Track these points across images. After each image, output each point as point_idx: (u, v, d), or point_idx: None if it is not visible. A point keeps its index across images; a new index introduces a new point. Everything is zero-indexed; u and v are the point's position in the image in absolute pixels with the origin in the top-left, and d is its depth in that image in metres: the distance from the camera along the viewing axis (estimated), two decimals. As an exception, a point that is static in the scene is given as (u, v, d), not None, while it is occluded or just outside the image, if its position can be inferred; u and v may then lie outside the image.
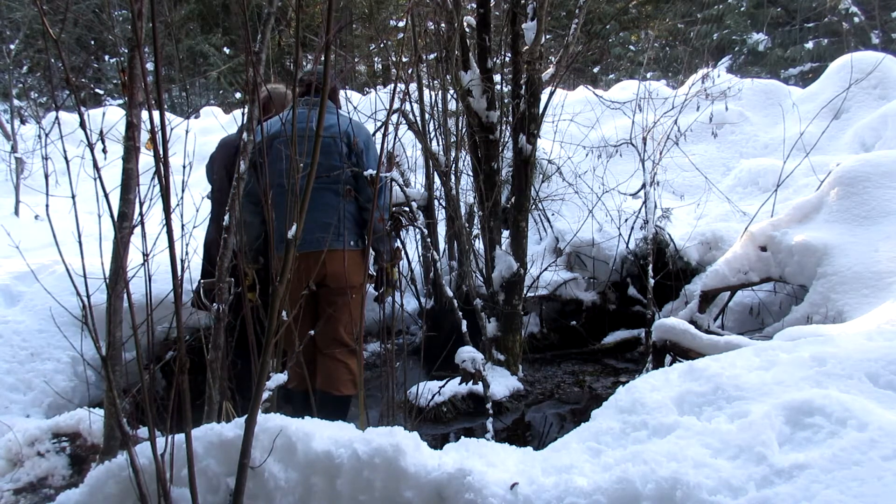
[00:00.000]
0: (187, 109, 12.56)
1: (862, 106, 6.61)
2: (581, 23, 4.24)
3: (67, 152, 1.82)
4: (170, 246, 1.67)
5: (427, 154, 4.35)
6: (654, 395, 2.07)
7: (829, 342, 2.29)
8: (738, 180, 6.06)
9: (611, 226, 5.34)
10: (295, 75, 2.32)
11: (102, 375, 2.11)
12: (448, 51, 4.04)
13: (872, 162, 4.08)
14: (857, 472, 1.53)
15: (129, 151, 2.04)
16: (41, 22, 1.72)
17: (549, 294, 5.10)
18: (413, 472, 1.75)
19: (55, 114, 1.75)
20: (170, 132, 1.66)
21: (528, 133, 3.96)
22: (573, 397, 4.26)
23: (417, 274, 5.23)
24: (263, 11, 2.32)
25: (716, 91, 6.06)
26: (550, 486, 1.70)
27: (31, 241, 4.41)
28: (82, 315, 1.70)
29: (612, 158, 5.98)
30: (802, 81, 12.65)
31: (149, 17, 1.58)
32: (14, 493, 2.85)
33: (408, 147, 5.34)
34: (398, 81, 3.09)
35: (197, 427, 1.87)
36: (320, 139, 1.76)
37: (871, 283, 3.46)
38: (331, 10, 1.74)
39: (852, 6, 14.44)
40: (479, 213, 4.39)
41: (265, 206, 2.20)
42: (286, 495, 1.79)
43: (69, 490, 1.91)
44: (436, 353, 3.86)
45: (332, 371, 3.23)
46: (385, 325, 3.30)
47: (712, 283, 4.24)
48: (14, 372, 3.51)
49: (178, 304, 1.66)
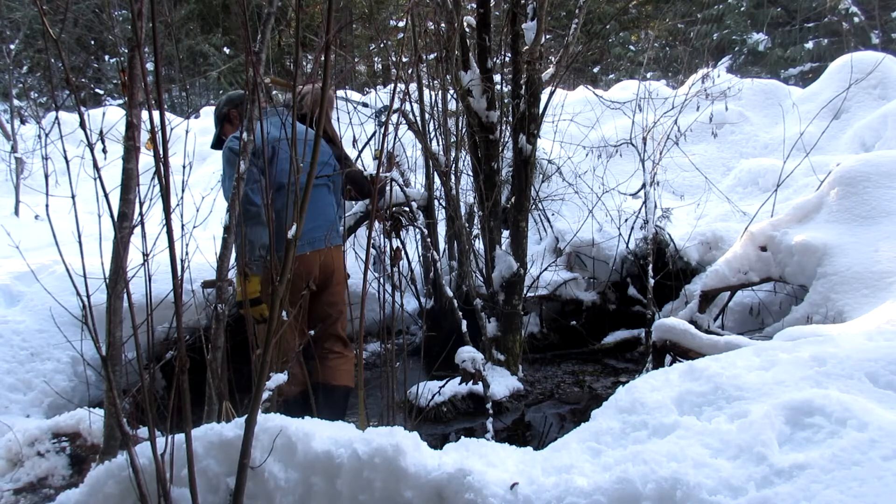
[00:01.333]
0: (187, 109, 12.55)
1: (862, 106, 6.61)
2: (581, 23, 4.24)
3: (67, 152, 1.82)
4: (170, 246, 1.67)
5: (427, 154, 4.35)
6: (654, 395, 2.07)
7: (829, 342, 2.29)
8: (738, 180, 6.06)
9: (611, 226, 5.34)
10: (295, 75, 2.32)
11: (102, 375, 2.11)
12: (448, 51, 4.04)
13: (872, 162, 4.07)
14: (857, 472, 1.53)
15: (129, 151, 2.04)
16: (41, 22, 1.72)
17: (549, 294, 5.10)
18: (413, 472, 1.75)
19: (55, 114, 1.75)
20: (170, 132, 1.66)
21: (528, 133, 3.96)
22: (573, 397, 4.25)
23: (417, 274, 5.23)
24: (263, 11, 2.32)
25: (716, 91, 6.07)
26: (550, 486, 1.70)
27: (31, 241, 4.41)
28: (82, 315, 1.70)
29: (612, 158, 5.98)
30: (802, 81, 12.65)
31: (149, 17, 1.58)
32: (14, 493, 2.85)
33: (408, 147, 5.34)
34: (398, 81, 3.09)
35: (197, 427, 1.87)
36: (320, 139, 1.77)
37: (871, 283, 3.46)
38: (331, 10, 1.74)
39: (852, 6, 14.44)
40: (479, 213, 4.39)
41: (268, 208, 2.20)
42: (286, 495, 1.79)
43: (69, 490, 1.91)
44: (436, 353, 3.86)
45: (333, 364, 3.29)
46: (385, 325, 3.30)
47: (712, 283, 4.24)
48: (14, 372, 3.51)
49: (178, 304, 1.66)
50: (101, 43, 16.14)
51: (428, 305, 4.84)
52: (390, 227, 4.08)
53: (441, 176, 4.25)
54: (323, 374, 3.27)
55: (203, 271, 3.61)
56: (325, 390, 3.20)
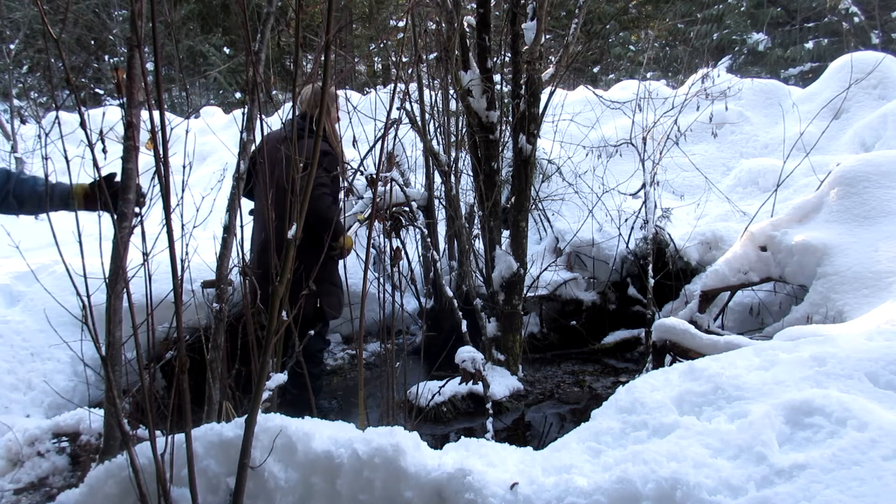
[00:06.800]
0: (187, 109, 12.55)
1: (862, 106, 6.61)
2: (581, 23, 4.24)
3: (67, 152, 1.82)
4: (170, 246, 1.67)
5: (428, 154, 4.35)
6: (654, 395, 2.07)
7: (829, 342, 2.29)
8: (738, 180, 6.06)
9: (611, 226, 5.34)
10: (295, 75, 2.32)
11: (102, 375, 2.11)
12: (448, 51, 4.04)
13: (872, 162, 4.07)
14: (857, 472, 1.53)
15: (128, 151, 2.04)
16: (41, 22, 1.72)
17: (549, 294, 5.10)
18: (413, 472, 1.75)
19: (55, 114, 1.75)
20: (170, 132, 1.66)
21: (528, 133, 3.96)
22: (573, 397, 4.25)
23: (417, 274, 5.23)
24: (263, 11, 2.32)
25: (716, 91, 6.07)
26: (550, 485, 1.70)
27: (31, 241, 4.40)
28: (82, 315, 1.70)
29: (612, 158, 5.98)
30: (802, 81, 12.65)
31: (149, 17, 1.58)
32: (14, 492, 2.85)
33: (408, 147, 5.34)
34: (398, 81, 3.09)
35: (197, 427, 1.87)
36: (320, 139, 1.77)
37: (871, 283, 3.46)
38: (331, 10, 1.74)
39: (852, 6, 14.44)
40: (479, 213, 4.39)
41: (267, 208, 2.19)
42: (286, 495, 1.79)
43: (69, 490, 1.91)
44: (436, 353, 3.86)
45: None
46: (385, 324, 3.30)
47: (712, 283, 4.24)
48: (14, 372, 3.51)
49: (179, 304, 1.66)
50: (101, 43, 16.14)
51: (428, 305, 4.84)
52: (390, 227, 4.08)
53: (442, 175, 4.25)
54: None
55: (203, 271, 3.61)
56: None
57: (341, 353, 5.11)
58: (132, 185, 1.99)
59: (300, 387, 2.96)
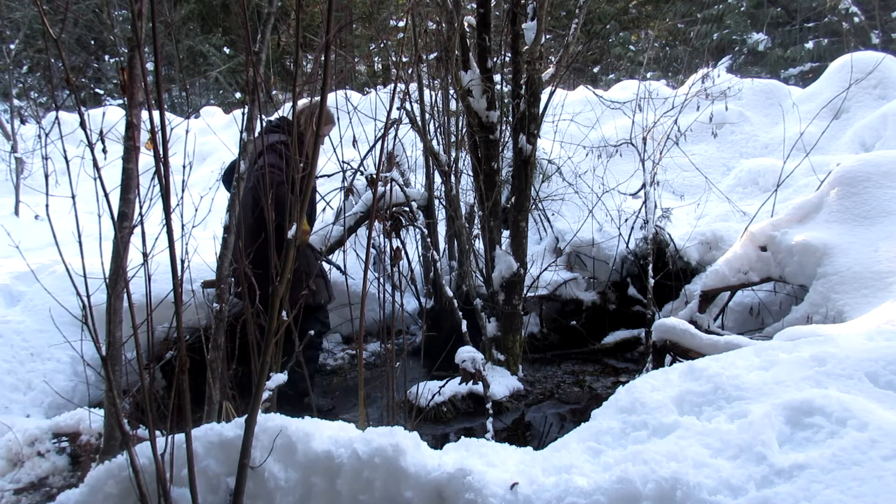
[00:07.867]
0: (187, 109, 12.55)
1: (862, 106, 6.61)
2: (581, 23, 4.24)
3: (67, 152, 1.82)
4: (170, 246, 1.67)
5: (429, 154, 4.35)
6: (654, 395, 2.07)
7: (829, 342, 2.29)
8: (738, 180, 6.06)
9: (611, 226, 5.34)
10: (295, 75, 2.32)
11: (102, 375, 2.11)
12: (448, 51, 4.04)
13: (872, 162, 4.07)
14: (857, 472, 1.53)
15: (128, 151, 2.04)
16: (41, 22, 1.72)
17: (549, 294, 5.10)
18: (413, 472, 1.75)
19: (55, 114, 1.75)
20: (170, 132, 1.66)
21: (528, 133, 3.96)
22: (573, 397, 4.25)
23: (417, 274, 5.23)
24: (263, 11, 2.32)
25: (716, 91, 6.07)
26: (550, 485, 1.70)
27: (31, 241, 4.41)
28: (82, 315, 1.70)
29: (612, 158, 5.98)
30: (802, 81, 12.65)
31: (149, 17, 1.58)
32: (14, 492, 2.85)
33: (408, 147, 5.34)
34: (398, 81, 3.09)
35: (197, 427, 1.87)
36: (321, 139, 1.77)
37: (871, 283, 3.46)
38: (331, 10, 1.74)
39: (852, 6, 14.44)
40: (479, 213, 4.39)
41: (266, 208, 2.19)
42: (286, 495, 1.79)
43: (69, 490, 1.91)
44: (436, 353, 3.86)
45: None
46: (385, 324, 3.30)
47: (712, 283, 4.24)
48: (14, 372, 3.51)
49: (179, 304, 1.66)
50: (101, 43, 16.14)
51: (428, 305, 4.84)
52: (390, 226, 4.09)
53: (443, 175, 4.25)
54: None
55: (203, 271, 3.61)
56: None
57: (341, 353, 5.10)
58: (132, 185, 1.99)
59: (293, 385, 2.96)
